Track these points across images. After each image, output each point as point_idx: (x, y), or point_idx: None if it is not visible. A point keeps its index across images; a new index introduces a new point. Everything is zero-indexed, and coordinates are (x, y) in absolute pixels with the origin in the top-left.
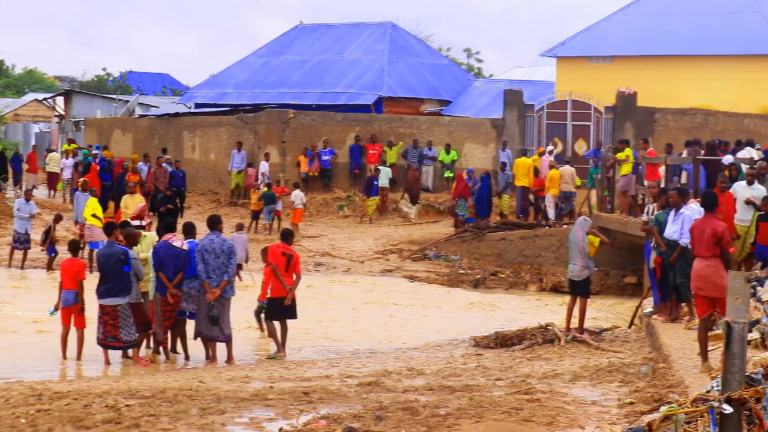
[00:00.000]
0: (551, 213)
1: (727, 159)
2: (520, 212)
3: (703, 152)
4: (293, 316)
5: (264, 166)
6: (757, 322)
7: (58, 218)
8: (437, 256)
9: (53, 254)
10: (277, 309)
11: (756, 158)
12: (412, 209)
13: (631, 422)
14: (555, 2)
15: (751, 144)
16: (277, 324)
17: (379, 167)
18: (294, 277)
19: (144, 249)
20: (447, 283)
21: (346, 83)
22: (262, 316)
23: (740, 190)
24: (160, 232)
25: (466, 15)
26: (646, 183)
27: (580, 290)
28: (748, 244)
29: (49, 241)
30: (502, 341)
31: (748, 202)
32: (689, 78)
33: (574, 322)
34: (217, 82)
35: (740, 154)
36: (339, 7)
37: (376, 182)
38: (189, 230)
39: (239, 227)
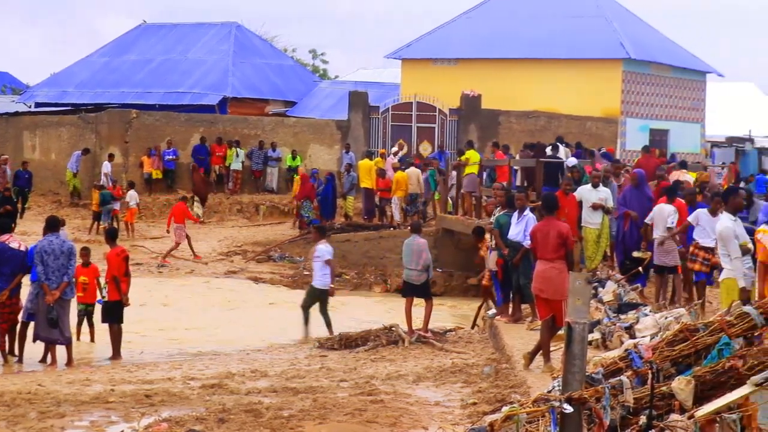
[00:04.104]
0: (397, 215)
1: (571, 161)
2: (365, 214)
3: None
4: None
5: (106, 167)
6: (599, 322)
7: None
8: (282, 257)
9: None
10: (117, 312)
11: (568, 158)
12: (200, 209)
13: (473, 422)
14: (400, 5)
15: (561, 141)
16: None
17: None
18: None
19: None
20: (291, 284)
21: (190, 83)
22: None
23: (586, 193)
24: None
25: (312, 16)
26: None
27: (422, 293)
28: (604, 246)
29: None
30: (347, 342)
31: (596, 207)
32: (533, 81)
33: (417, 324)
34: (58, 81)
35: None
36: (184, 6)
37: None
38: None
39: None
